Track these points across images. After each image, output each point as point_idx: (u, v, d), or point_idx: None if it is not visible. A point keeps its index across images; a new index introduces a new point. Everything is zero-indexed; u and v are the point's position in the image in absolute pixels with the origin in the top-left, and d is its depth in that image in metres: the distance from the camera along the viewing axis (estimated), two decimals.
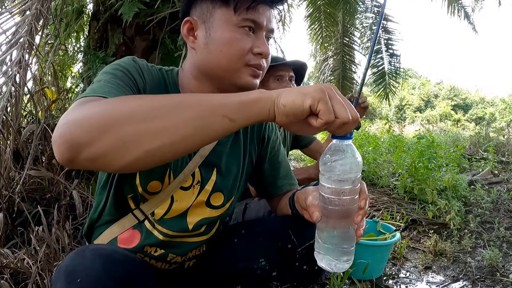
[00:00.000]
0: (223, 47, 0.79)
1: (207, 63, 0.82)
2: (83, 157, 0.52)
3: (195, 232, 0.95)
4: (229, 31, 0.79)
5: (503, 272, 1.85)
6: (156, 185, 0.86)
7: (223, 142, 0.94)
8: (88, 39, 2.86)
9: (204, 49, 0.81)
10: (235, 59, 0.79)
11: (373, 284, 1.69)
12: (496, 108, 19.85)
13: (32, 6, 1.93)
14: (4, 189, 1.73)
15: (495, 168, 4.41)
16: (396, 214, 2.70)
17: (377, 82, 7.05)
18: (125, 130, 0.52)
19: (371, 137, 5.83)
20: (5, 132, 1.84)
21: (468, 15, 6.57)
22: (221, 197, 0.96)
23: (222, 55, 0.79)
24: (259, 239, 0.97)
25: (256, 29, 0.81)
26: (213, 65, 0.81)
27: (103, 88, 0.67)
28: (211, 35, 0.80)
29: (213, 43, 0.80)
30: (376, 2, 6.69)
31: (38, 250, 1.37)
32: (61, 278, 0.59)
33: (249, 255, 0.96)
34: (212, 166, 0.93)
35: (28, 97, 2.16)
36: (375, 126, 13.38)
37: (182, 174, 0.87)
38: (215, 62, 0.80)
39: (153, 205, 0.88)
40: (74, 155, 0.52)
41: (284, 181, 1.07)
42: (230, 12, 0.79)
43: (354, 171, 0.64)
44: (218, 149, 0.93)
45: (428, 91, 24.02)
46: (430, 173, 3.05)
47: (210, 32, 0.80)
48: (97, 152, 0.52)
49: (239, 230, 1.04)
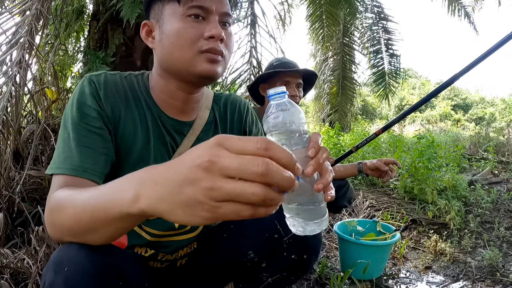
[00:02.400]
0: (173, 39, 0.80)
1: (165, 58, 0.83)
2: (66, 240, 0.64)
3: (182, 230, 0.95)
4: (176, 23, 0.79)
5: (503, 272, 1.85)
6: None
7: (203, 136, 0.92)
8: (88, 39, 2.86)
9: (159, 46, 0.83)
10: (186, 48, 0.79)
11: (373, 284, 1.69)
12: (496, 108, 19.85)
13: (32, 6, 1.93)
14: (4, 189, 1.73)
15: (495, 168, 4.41)
16: (396, 214, 2.70)
17: (377, 82, 7.05)
18: (75, 235, 0.62)
19: None
20: (5, 132, 1.84)
21: (468, 15, 6.57)
22: None
23: (173, 47, 0.80)
24: (247, 231, 0.97)
25: (206, 15, 0.80)
26: (169, 59, 0.82)
27: (70, 160, 0.73)
28: (163, 31, 0.81)
29: (165, 38, 0.81)
30: (376, 2, 6.69)
31: (38, 250, 1.37)
32: (49, 269, 0.61)
33: (238, 249, 0.96)
34: None
35: (28, 97, 2.16)
36: (375, 126, 13.38)
37: None
38: (170, 55, 0.81)
39: None
40: (59, 240, 0.67)
41: None
42: (176, 4, 0.80)
43: (289, 122, 0.63)
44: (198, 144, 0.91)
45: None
46: (430, 173, 3.05)
47: (162, 29, 0.82)
48: (72, 240, 0.63)
49: (228, 225, 1.04)
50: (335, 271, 1.85)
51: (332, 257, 2.07)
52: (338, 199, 1.78)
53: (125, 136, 0.83)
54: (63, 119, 0.79)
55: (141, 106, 0.86)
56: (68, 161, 0.73)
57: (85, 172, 0.73)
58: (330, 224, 2.44)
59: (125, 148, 0.83)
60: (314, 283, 1.71)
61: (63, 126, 0.78)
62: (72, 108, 0.78)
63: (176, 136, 0.89)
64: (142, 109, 0.86)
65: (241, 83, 3.22)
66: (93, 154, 0.75)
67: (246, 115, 1.02)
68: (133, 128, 0.83)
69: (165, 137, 0.87)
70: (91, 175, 0.73)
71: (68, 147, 0.75)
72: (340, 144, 4.95)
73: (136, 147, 0.83)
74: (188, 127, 0.91)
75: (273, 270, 0.96)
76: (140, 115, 0.85)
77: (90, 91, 0.80)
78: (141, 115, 0.85)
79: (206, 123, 0.93)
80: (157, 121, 0.87)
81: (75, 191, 0.65)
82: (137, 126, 0.84)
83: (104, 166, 0.77)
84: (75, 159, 0.73)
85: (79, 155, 0.74)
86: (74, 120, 0.77)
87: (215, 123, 0.96)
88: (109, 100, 0.81)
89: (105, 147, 0.78)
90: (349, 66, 8.16)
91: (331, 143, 5.01)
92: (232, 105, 1.01)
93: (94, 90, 0.80)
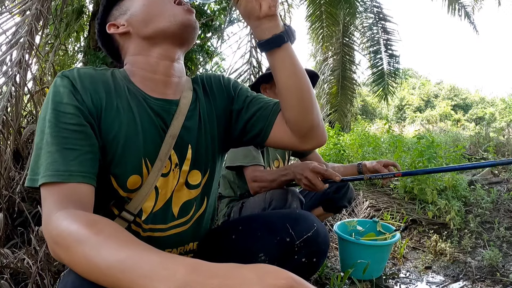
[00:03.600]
0: (143, 1, 0.87)
1: (143, 23, 0.86)
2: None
3: (182, 219, 0.92)
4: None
5: (503, 272, 1.85)
6: (136, 180, 0.83)
7: (191, 116, 0.91)
8: (88, 39, 2.87)
9: (134, 21, 0.88)
10: (158, 2, 0.86)
11: (373, 284, 1.69)
12: (496, 108, 19.87)
13: (32, 6, 1.93)
14: (4, 189, 1.73)
15: (495, 168, 4.41)
16: (396, 214, 2.70)
17: (376, 82, 7.06)
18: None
19: (371, 137, 5.83)
20: (5, 132, 1.84)
21: (468, 14, 6.58)
22: (198, 174, 0.94)
23: (146, 7, 0.87)
24: (258, 234, 0.96)
25: None
26: (149, 20, 0.86)
27: (53, 166, 0.68)
28: (131, 10, 0.89)
29: (136, 8, 0.88)
30: (376, 2, 6.69)
31: (38, 250, 1.37)
32: None
33: (248, 251, 0.95)
34: (186, 144, 0.90)
35: (28, 97, 2.16)
36: (375, 126, 13.38)
37: (159, 160, 0.84)
38: (147, 16, 0.86)
39: (138, 202, 0.85)
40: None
41: (271, 102, 0.99)
42: None
43: None
44: (188, 124, 0.90)
45: (428, 91, 24.04)
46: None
47: (129, 9, 0.89)
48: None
49: (236, 226, 1.03)
50: (335, 271, 1.85)
51: (332, 257, 2.08)
52: (338, 199, 1.78)
53: (110, 126, 0.79)
54: (39, 125, 0.74)
55: (123, 93, 0.83)
56: (51, 167, 0.68)
57: (73, 176, 0.68)
58: (330, 224, 2.44)
59: (111, 136, 0.79)
60: (314, 283, 1.71)
61: (39, 133, 0.73)
62: (47, 111, 0.73)
63: (165, 116, 0.87)
64: (125, 96, 0.83)
65: (241, 83, 3.22)
66: (78, 155, 0.71)
67: (223, 82, 1.02)
68: (118, 117, 0.80)
69: (153, 118, 0.85)
70: (80, 178, 0.69)
71: (49, 152, 0.70)
72: (340, 144, 4.95)
73: (122, 133, 0.80)
74: (175, 106, 0.89)
75: None
76: (123, 102, 0.82)
77: (64, 87, 0.76)
78: (123, 102, 0.82)
79: (191, 102, 0.92)
80: (143, 104, 0.84)
81: (86, 231, 0.58)
82: (121, 114, 0.81)
83: (91, 165, 0.73)
84: (59, 163, 0.68)
85: (62, 158, 0.69)
86: (52, 122, 0.72)
87: (199, 102, 0.95)
88: (87, 92, 0.78)
89: (89, 144, 0.74)
90: (349, 66, 8.17)
91: (331, 143, 5.01)
92: (208, 80, 1.01)
93: (69, 85, 0.76)
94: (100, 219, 0.62)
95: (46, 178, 0.68)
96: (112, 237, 0.56)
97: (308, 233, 0.93)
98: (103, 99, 0.80)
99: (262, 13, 0.81)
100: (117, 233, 0.58)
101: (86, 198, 0.69)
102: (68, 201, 0.66)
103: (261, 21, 0.83)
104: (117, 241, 0.55)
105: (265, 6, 0.80)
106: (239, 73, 3.25)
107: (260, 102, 0.97)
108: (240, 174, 1.64)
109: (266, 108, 0.96)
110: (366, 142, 5.46)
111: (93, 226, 0.58)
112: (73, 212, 0.63)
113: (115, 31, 0.90)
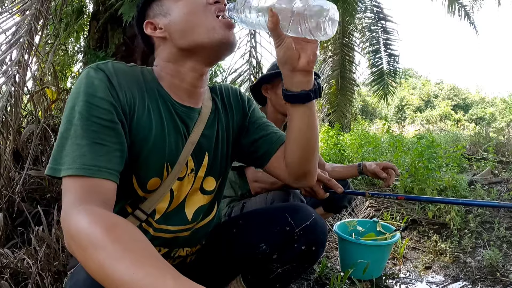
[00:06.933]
0: (184, 9, 0.84)
1: (181, 34, 0.84)
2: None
3: (194, 223, 0.95)
4: (183, 0, 0.85)
5: (503, 272, 1.85)
6: (156, 182, 0.85)
7: (210, 125, 0.93)
8: (88, 39, 2.87)
9: (172, 28, 0.85)
10: (199, 13, 0.84)
11: (373, 284, 1.69)
12: (496, 108, 19.88)
13: (32, 6, 1.93)
14: (4, 189, 1.73)
15: (495, 168, 4.41)
16: (396, 214, 2.70)
17: (376, 81, 7.06)
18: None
19: (371, 137, 5.83)
20: (5, 132, 1.84)
21: (468, 14, 6.58)
22: (213, 181, 0.98)
23: (187, 16, 0.84)
24: (258, 225, 1.01)
25: None
26: (187, 31, 0.84)
27: (81, 159, 0.67)
28: (171, 14, 0.85)
29: (176, 15, 0.85)
30: (375, 2, 6.70)
31: (38, 250, 1.37)
32: None
33: (250, 241, 0.99)
34: (203, 151, 0.93)
35: (28, 97, 2.16)
36: (375, 126, 13.38)
37: (178, 165, 0.86)
38: (186, 26, 0.84)
39: (153, 202, 0.87)
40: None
41: (279, 133, 1.03)
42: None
43: None
44: (207, 132, 0.92)
45: (428, 91, 24.04)
46: (430, 173, 3.05)
47: (169, 15, 0.86)
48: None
49: (237, 221, 1.07)
50: (335, 271, 1.85)
51: (332, 257, 2.08)
52: (338, 199, 1.78)
53: (141, 125, 0.79)
54: (66, 114, 0.72)
55: (153, 94, 0.84)
56: (78, 160, 0.67)
57: (100, 171, 0.67)
58: (330, 224, 2.44)
59: (141, 137, 0.79)
60: (314, 283, 1.71)
61: (67, 122, 0.71)
62: (77, 102, 0.71)
63: (189, 122, 0.88)
64: (155, 97, 0.84)
65: (241, 83, 3.23)
66: (107, 151, 0.70)
67: (240, 96, 1.05)
68: (148, 116, 0.81)
69: (178, 124, 0.86)
70: (106, 174, 0.68)
71: (77, 144, 0.68)
72: (340, 144, 4.95)
73: (152, 136, 0.80)
74: (197, 114, 0.90)
75: (284, 260, 0.99)
76: (152, 103, 0.83)
77: (100, 81, 0.74)
78: (153, 103, 0.83)
79: (210, 112, 0.94)
80: (169, 108, 0.85)
81: (104, 237, 0.57)
82: (151, 114, 0.81)
83: (118, 163, 0.72)
84: (87, 157, 0.67)
85: (91, 153, 0.68)
86: (83, 114, 0.70)
87: (218, 113, 0.98)
88: (123, 88, 0.77)
89: (119, 142, 0.73)
90: (349, 66, 8.16)
91: (331, 143, 5.02)
92: (226, 92, 1.03)
93: (105, 79, 0.75)
94: (119, 221, 0.61)
95: (72, 170, 0.66)
96: (128, 250, 0.55)
97: (307, 222, 0.97)
98: (136, 98, 0.80)
99: (299, 66, 0.79)
100: (135, 243, 0.57)
101: (109, 195, 0.69)
102: (91, 197, 0.65)
103: (295, 73, 0.81)
104: (134, 256, 0.54)
105: (304, 60, 0.78)
106: (239, 73, 3.25)
107: (269, 129, 1.02)
108: (241, 174, 1.65)
109: (273, 135, 1.00)
110: (366, 142, 5.45)
111: (112, 232, 0.58)
112: (95, 211, 0.62)
113: (152, 34, 0.88)
